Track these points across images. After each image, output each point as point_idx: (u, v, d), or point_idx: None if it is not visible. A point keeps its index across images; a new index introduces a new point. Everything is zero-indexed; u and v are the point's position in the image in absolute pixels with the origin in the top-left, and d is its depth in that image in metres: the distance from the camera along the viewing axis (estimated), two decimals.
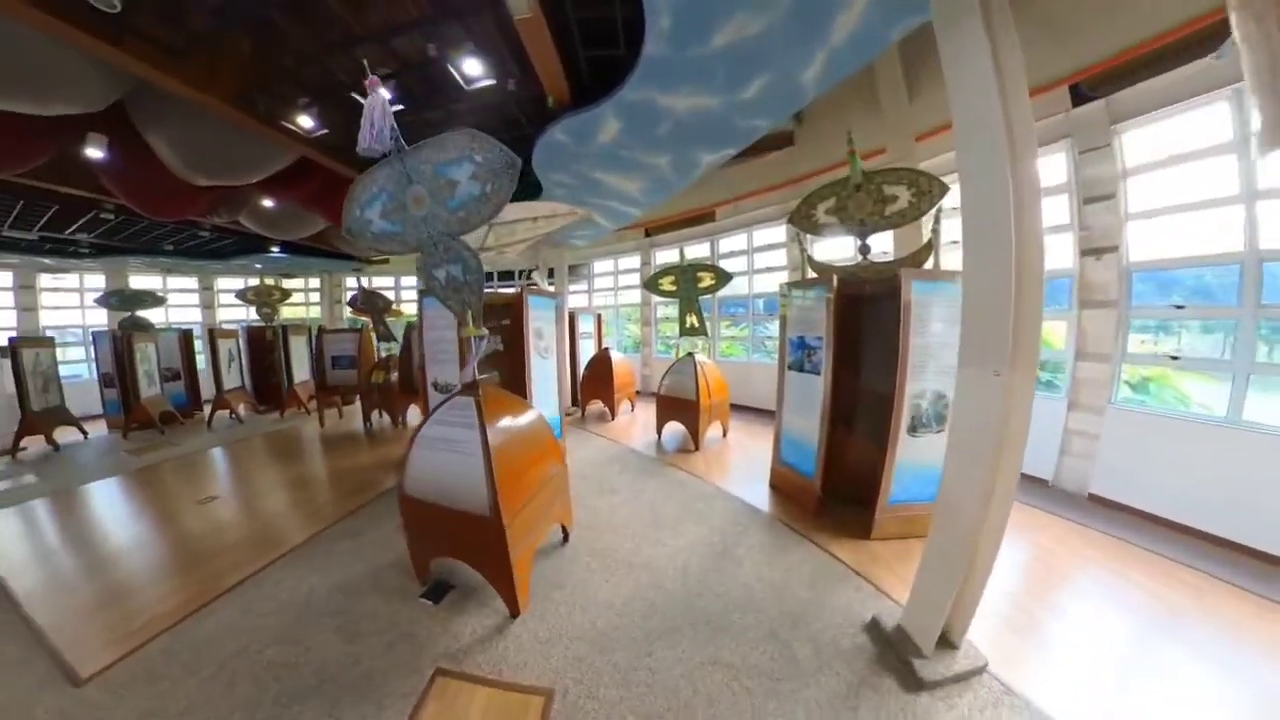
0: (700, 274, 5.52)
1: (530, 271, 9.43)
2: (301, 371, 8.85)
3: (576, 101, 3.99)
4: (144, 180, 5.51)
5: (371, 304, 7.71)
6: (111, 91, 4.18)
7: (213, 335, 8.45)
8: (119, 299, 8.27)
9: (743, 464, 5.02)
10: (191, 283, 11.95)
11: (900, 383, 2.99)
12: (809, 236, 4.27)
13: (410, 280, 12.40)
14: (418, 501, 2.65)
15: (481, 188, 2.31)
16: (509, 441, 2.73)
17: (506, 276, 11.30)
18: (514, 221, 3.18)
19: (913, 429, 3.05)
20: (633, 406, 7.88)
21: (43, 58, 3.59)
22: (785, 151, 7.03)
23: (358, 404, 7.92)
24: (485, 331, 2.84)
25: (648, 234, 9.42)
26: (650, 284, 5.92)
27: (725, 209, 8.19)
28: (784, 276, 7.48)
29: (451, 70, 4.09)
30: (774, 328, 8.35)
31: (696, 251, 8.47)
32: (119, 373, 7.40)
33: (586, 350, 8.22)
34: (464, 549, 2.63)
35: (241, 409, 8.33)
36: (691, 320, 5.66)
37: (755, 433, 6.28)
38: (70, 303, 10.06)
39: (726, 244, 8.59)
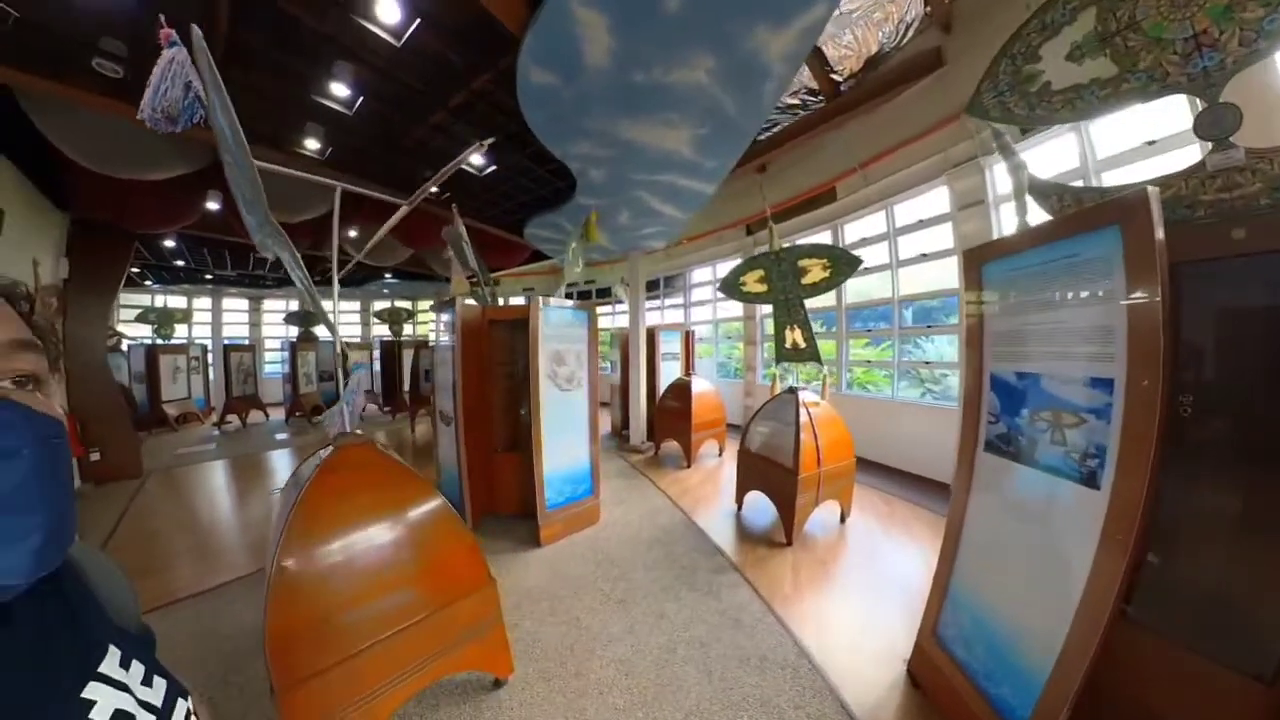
0: (804, 263, 3.56)
1: (610, 289, 8.34)
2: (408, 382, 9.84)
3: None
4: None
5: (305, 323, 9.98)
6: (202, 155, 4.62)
7: (345, 348, 9.67)
8: (296, 318, 11.26)
9: (867, 593, 2.89)
10: (355, 305, 14.70)
11: None
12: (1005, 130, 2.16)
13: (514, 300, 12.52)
14: None
15: None
16: (339, 550, 1.64)
17: (585, 296, 10.48)
18: None
19: None
20: (720, 449, 6.04)
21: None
22: (933, 77, 4.66)
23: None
24: (358, 354, 2.04)
25: (749, 230, 7.53)
26: (730, 286, 4.14)
27: (849, 180, 5.92)
28: (948, 271, 4.94)
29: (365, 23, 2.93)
30: (930, 346, 5.74)
31: (819, 242, 6.29)
32: (292, 373, 9.75)
33: (671, 375, 6.71)
34: None
35: (366, 408, 10.17)
36: (793, 337, 3.73)
37: (898, 520, 3.96)
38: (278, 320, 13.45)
39: (855, 231, 6.27)
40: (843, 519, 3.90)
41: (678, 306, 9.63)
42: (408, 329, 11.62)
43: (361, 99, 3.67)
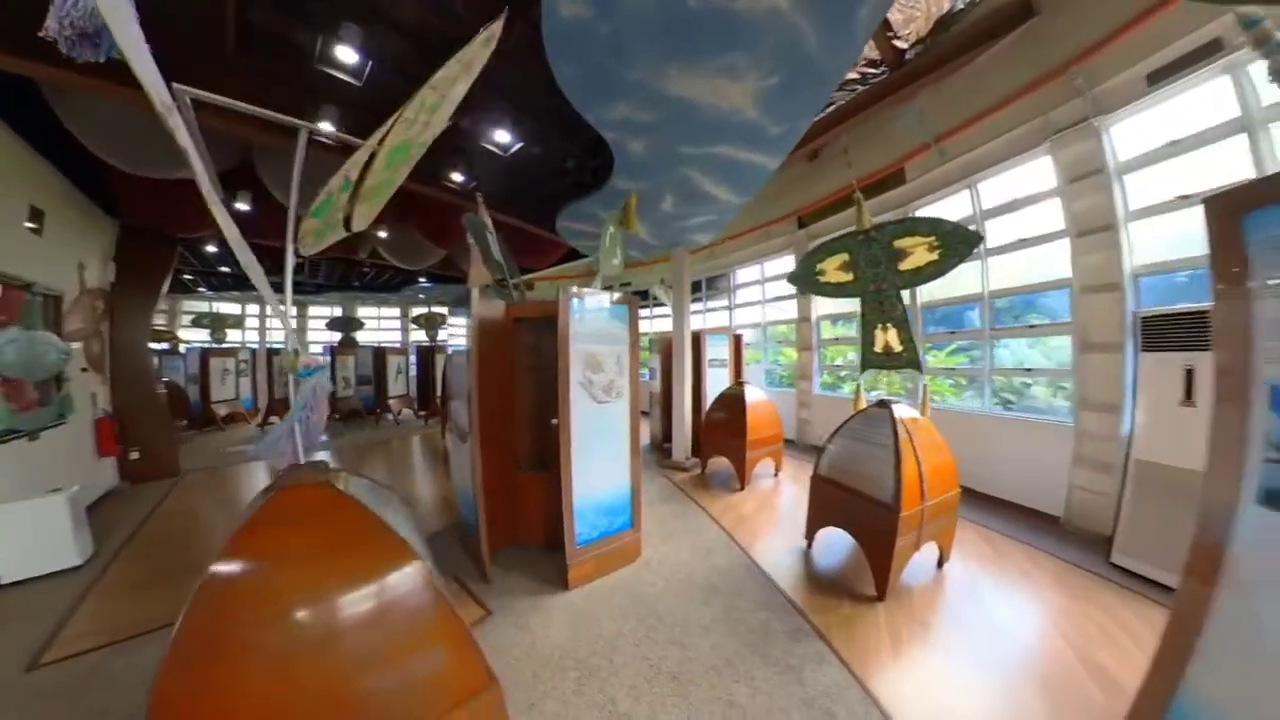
0: (903, 244, 2.82)
1: (648, 292, 7.79)
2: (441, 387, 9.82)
3: None
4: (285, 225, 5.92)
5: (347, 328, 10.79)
6: (235, 152, 4.58)
7: (382, 351, 10.42)
8: (337, 323, 11.63)
9: (992, 669, 2.16)
10: (395, 312, 14.86)
11: None
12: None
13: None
14: None
15: None
16: (265, 653, 1.13)
17: (641, 295, 9.94)
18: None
19: None
20: (777, 469, 5.29)
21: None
22: (1022, 31, 3.95)
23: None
24: (310, 360, 1.56)
25: (802, 223, 6.76)
26: (804, 277, 3.46)
27: (921, 159, 5.10)
28: (1061, 263, 4.02)
29: None
30: (1015, 346, 4.77)
31: None
32: (331, 377, 9.89)
33: (718, 383, 6.05)
34: None
35: (402, 413, 10.50)
36: (885, 338, 3.01)
37: (1009, 564, 3.15)
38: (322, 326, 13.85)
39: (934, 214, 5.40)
40: (940, 563, 3.13)
41: (721, 309, 8.92)
42: (442, 334, 11.56)
43: (370, 65, 3.25)
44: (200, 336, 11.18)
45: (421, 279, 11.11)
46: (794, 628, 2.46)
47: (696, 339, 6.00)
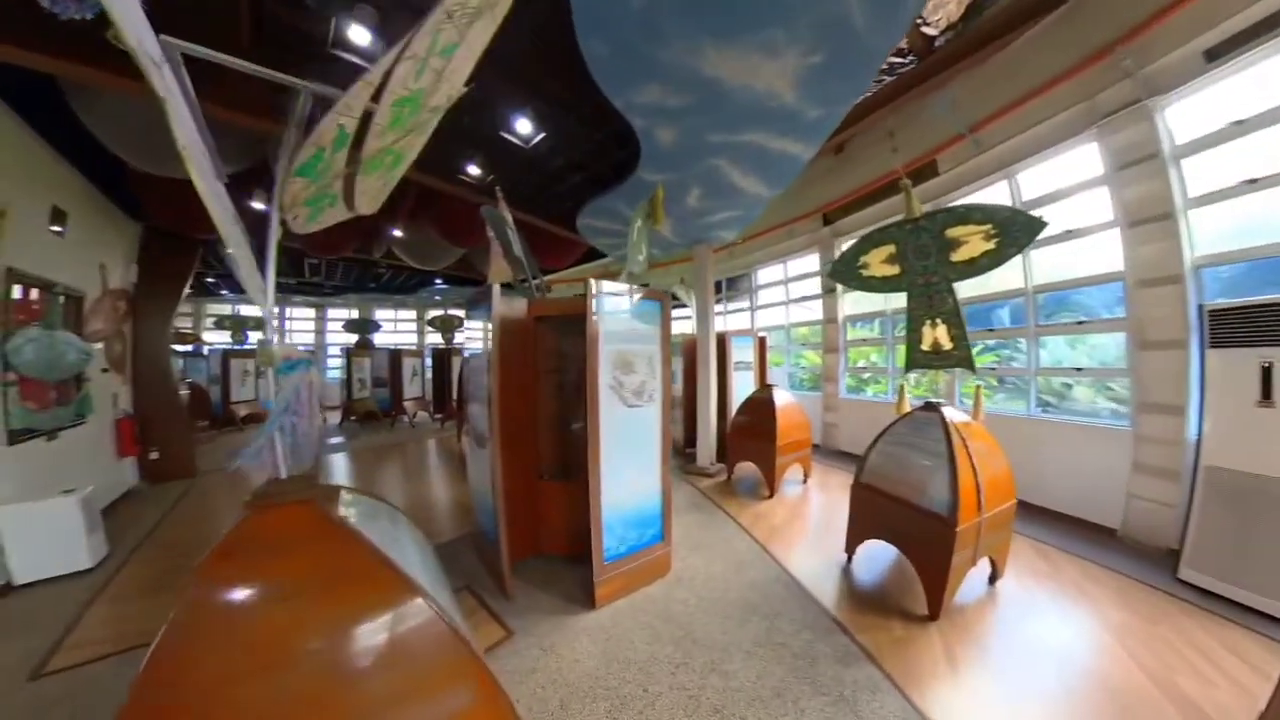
0: (955, 233, 2.61)
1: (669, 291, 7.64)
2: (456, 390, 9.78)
3: None
4: None
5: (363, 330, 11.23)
6: (254, 150, 4.38)
7: (398, 354, 10.51)
8: (353, 325, 11.79)
9: (1058, 697, 1.96)
10: (411, 314, 15.03)
11: None
12: None
13: None
14: None
15: None
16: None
17: None
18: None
19: None
20: (805, 475, 5.08)
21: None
22: (1062, 12, 3.75)
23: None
24: (291, 352, 1.35)
25: (827, 220, 6.55)
26: (846, 270, 3.27)
27: (955, 150, 4.87)
28: (1097, 256, 3.77)
29: None
30: (1051, 346, 4.49)
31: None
32: (347, 378, 10.28)
33: (743, 386, 5.88)
34: None
35: (417, 415, 10.54)
36: (934, 335, 2.82)
37: (1066, 581, 2.94)
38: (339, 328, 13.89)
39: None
40: (993, 579, 2.91)
41: (743, 310, 8.72)
42: (460, 335, 11.57)
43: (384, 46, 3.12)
44: (223, 338, 11.32)
45: (438, 280, 11.09)
46: (843, 652, 2.27)
47: (721, 341, 5.83)
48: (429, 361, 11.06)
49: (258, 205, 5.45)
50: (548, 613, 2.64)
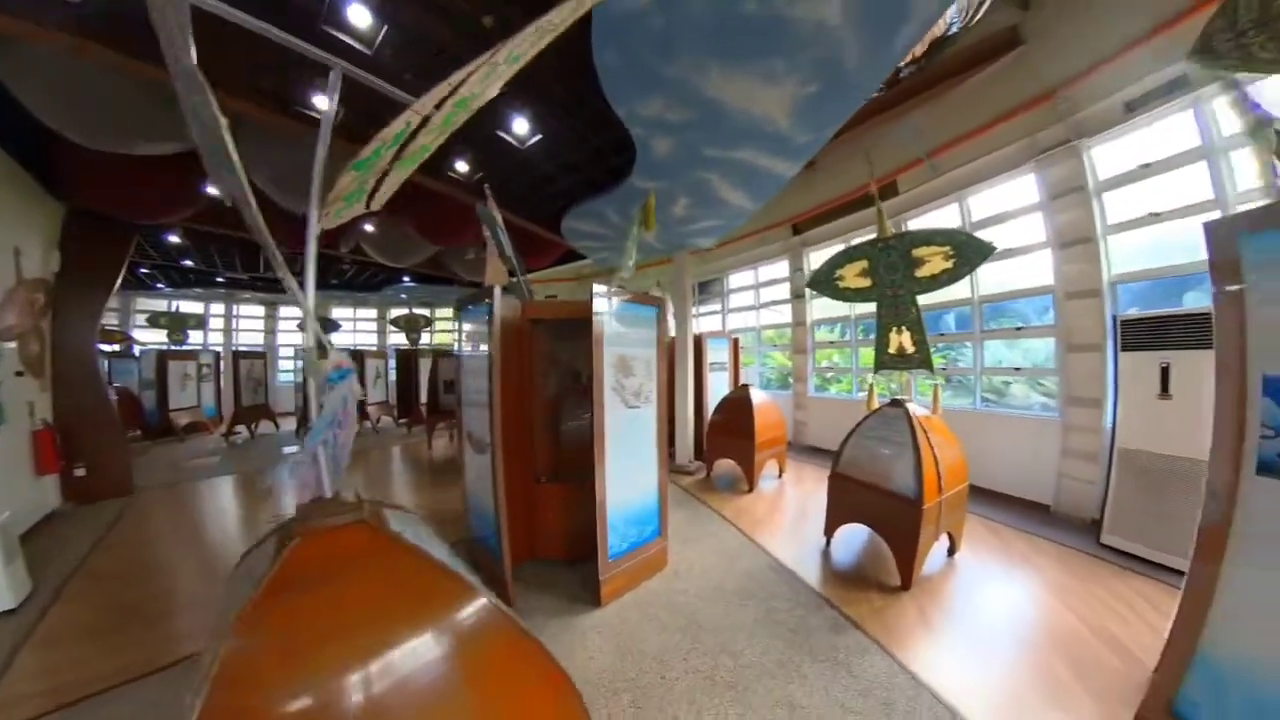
0: (920, 252, 2.99)
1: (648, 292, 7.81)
2: (425, 393, 9.24)
3: None
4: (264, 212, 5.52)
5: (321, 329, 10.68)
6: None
7: (359, 355, 9.91)
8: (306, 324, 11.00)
9: (1021, 648, 2.31)
10: (372, 313, 14.35)
11: None
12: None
13: None
14: None
15: None
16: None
17: None
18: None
19: None
20: (781, 470, 5.42)
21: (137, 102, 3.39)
22: (1011, 57, 4.24)
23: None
24: (340, 361, 1.24)
25: (796, 230, 6.99)
26: (822, 282, 3.58)
27: (914, 172, 5.39)
28: (1031, 272, 4.34)
29: None
30: (992, 348, 5.09)
31: None
32: (304, 382, 9.13)
33: (718, 386, 6.14)
34: None
35: (381, 420, 9.97)
36: (899, 340, 3.16)
37: (1015, 552, 3.37)
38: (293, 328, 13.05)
39: (924, 226, 5.68)
40: (951, 552, 3.30)
41: (714, 314, 9.06)
42: (425, 338, 11.24)
43: (385, 30, 3.08)
44: (157, 338, 10.35)
45: (406, 278, 10.69)
46: (832, 623, 2.54)
47: (698, 342, 6.09)
48: (393, 363, 10.59)
49: (212, 191, 5.00)
50: (553, 614, 2.70)
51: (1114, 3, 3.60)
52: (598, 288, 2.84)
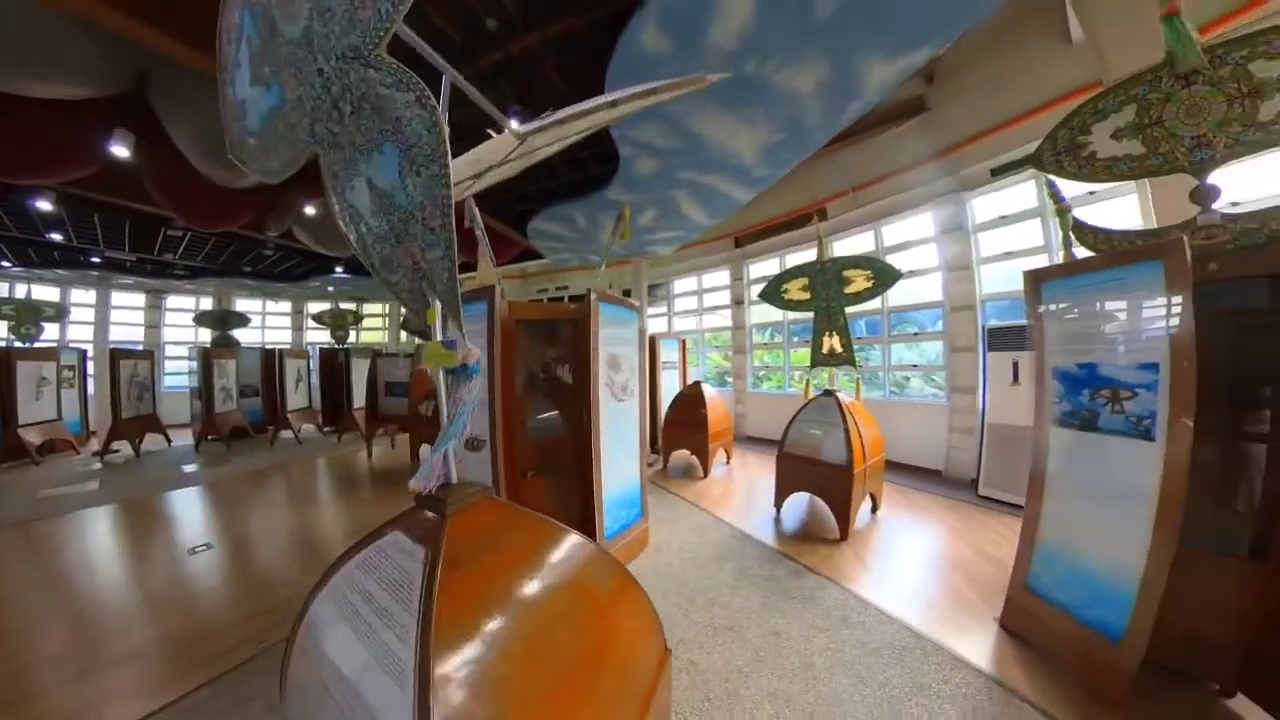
0: (849, 274, 3.74)
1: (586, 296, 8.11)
2: (360, 396, 8.31)
3: None
4: (182, 185, 4.92)
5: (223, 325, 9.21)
6: (123, 70, 3.45)
7: (281, 355, 8.71)
8: (210, 318, 9.49)
9: (931, 572, 3.09)
10: (286, 307, 12.73)
11: None
12: (1055, 181, 2.47)
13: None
14: None
15: None
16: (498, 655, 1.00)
17: (557, 301, 10.04)
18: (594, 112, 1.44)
19: None
20: (728, 457, 6.06)
21: (40, 29, 2.91)
22: (918, 120, 5.29)
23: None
24: (472, 352, 1.20)
25: (738, 243, 7.78)
26: (771, 294, 4.22)
27: (841, 201, 6.37)
28: (926, 290, 5.45)
29: None
30: (895, 349, 6.26)
31: (801, 260, 6.67)
32: (204, 387, 7.81)
33: (669, 384, 6.62)
34: None
35: (304, 429, 8.76)
36: (831, 343, 3.87)
37: (919, 506, 4.27)
38: (185, 322, 10.96)
39: (844, 248, 6.69)
40: (874, 509, 4.07)
41: (660, 316, 9.61)
42: (351, 335, 10.36)
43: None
44: None
45: (339, 268, 9.66)
46: (795, 571, 3.11)
47: (652, 342, 6.54)
48: (314, 364, 9.27)
49: (119, 151, 4.30)
50: None
51: (990, 90, 4.68)
52: (594, 292, 3.17)
